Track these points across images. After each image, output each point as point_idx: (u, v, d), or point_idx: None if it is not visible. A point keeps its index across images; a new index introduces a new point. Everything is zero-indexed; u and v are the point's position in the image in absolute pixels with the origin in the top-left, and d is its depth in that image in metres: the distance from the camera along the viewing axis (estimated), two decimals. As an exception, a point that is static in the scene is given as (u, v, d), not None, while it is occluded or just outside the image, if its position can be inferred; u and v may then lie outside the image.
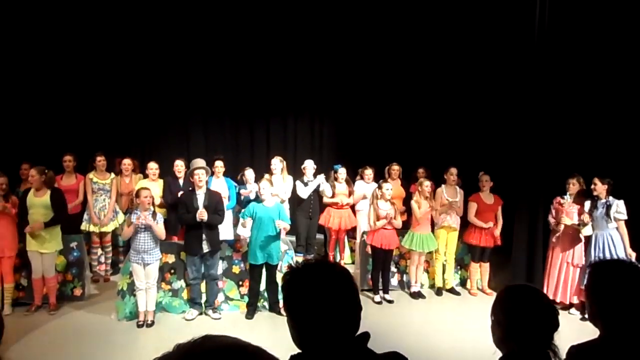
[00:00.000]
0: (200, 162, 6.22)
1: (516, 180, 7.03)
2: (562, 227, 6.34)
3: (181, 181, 7.20)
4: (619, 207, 6.01)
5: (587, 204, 6.24)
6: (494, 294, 6.86)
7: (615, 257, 5.86)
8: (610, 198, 6.08)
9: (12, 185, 6.90)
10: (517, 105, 7.16)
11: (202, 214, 5.81)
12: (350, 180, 7.98)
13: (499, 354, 1.97)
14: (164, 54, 9.25)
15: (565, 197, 6.43)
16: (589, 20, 6.46)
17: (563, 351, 1.96)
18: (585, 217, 6.14)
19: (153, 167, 7.32)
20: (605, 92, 6.57)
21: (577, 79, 6.59)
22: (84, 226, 7.09)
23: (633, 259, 5.86)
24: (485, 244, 6.96)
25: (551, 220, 6.52)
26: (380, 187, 6.75)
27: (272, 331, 5.67)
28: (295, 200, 7.83)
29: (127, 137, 9.53)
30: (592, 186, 6.17)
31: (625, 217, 6.01)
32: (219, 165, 7.35)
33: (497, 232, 6.95)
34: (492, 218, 6.98)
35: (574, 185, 6.41)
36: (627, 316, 1.89)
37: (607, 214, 6.04)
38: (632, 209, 6.05)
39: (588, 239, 6.26)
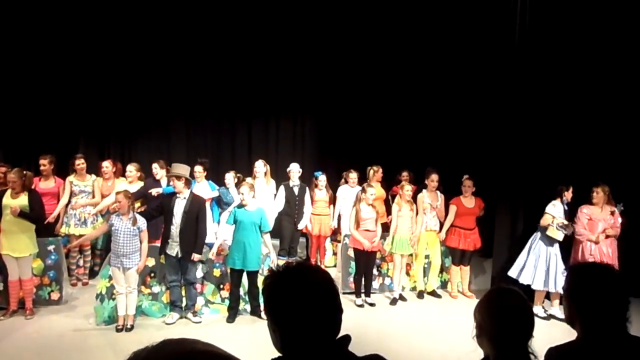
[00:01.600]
0: (178, 167, 6.10)
1: (497, 183, 7.10)
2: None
3: (163, 183, 7.14)
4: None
5: (556, 207, 6.34)
6: (475, 297, 6.94)
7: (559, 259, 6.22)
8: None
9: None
10: (500, 108, 7.25)
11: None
12: (329, 187, 7.99)
13: (480, 351, 1.99)
14: (145, 54, 9.17)
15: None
16: (570, 23, 6.56)
17: (541, 353, 1.98)
18: (570, 225, 6.21)
19: (131, 169, 7.24)
20: (587, 95, 6.68)
21: (558, 82, 6.68)
22: (63, 229, 6.98)
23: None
24: (465, 247, 7.01)
25: (582, 231, 6.20)
26: (364, 191, 6.75)
27: (253, 335, 5.65)
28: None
29: (106, 139, 9.44)
30: (565, 193, 6.35)
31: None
32: (198, 170, 7.28)
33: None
34: (472, 222, 7.03)
35: (597, 194, 6.16)
36: (604, 318, 1.93)
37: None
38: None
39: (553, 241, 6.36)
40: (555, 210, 6.31)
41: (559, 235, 6.26)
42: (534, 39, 6.66)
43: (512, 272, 6.50)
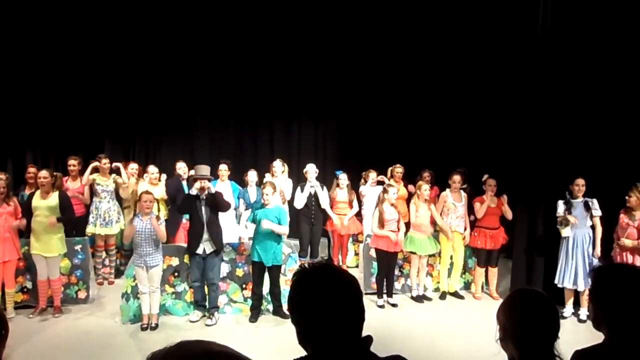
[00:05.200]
0: (202, 169, 6.18)
1: (517, 183, 7.00)
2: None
3: (184, 183, 7.22)
4: (595, 204, 6.12)
5: (560, 205, 6.26)
6: (500, 298, 6.83)
7: (592, 255, 6.07)
8: (586, 197, 6.20)
9: (17, 188, 6.94)
10: (520, 108, 7.15)
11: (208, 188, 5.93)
12: (352, 186, 7.95)
13: (503, 354, 1.97)
14: (169, 57, 9.29)
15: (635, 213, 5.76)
16: (594, 21, 6.42)
17: (567, 355, 1.95)
18: (571, 218, 6.13)
19: (153, 171, 7.34)
20: (610, 93, 6.52)
21: (581, 81, 6.54)
22: (89, 229, 7.10)
23: (596, 260, 5.99)
24: (490, 247, 6.92)
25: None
26: (386, 191, 6.72)
27: (275, 334, 5.67)
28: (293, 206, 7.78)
29: (131, 141, 9.59)
30: (576, 187, 6.21)
31: (600, 214, 6.11)
32: (223, 169, 7.38)
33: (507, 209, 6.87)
34: (495, 221, 6.93)
35: (631, 197, 5.72)
36: (632, 321, 1.89)
37: (588, 211, 6.13)
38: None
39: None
40: (560, 209, 6.26)
41: (564, 232, 6.19)
42: (557, 38, 6.53)
43: (556, 280, 6.35)
